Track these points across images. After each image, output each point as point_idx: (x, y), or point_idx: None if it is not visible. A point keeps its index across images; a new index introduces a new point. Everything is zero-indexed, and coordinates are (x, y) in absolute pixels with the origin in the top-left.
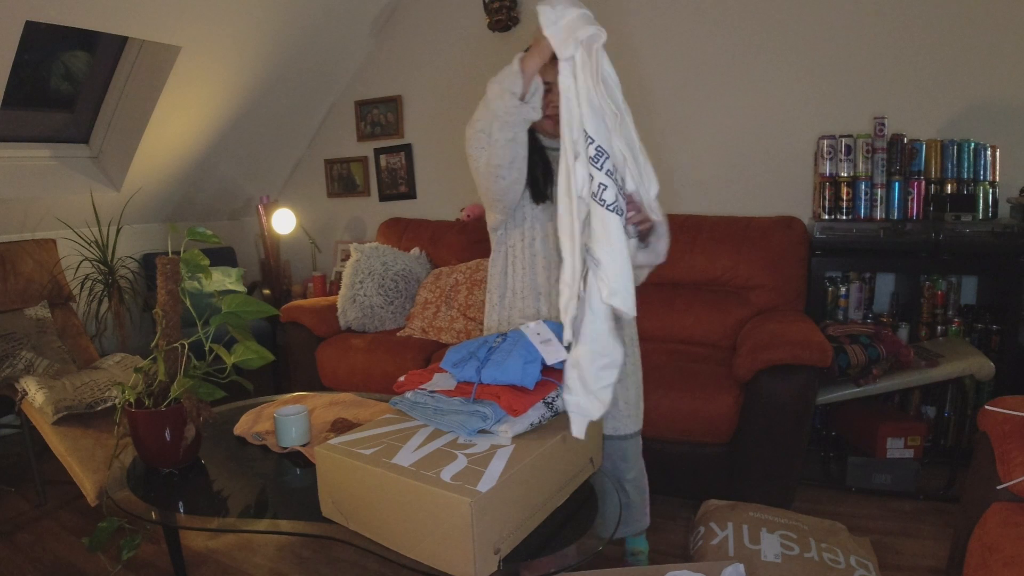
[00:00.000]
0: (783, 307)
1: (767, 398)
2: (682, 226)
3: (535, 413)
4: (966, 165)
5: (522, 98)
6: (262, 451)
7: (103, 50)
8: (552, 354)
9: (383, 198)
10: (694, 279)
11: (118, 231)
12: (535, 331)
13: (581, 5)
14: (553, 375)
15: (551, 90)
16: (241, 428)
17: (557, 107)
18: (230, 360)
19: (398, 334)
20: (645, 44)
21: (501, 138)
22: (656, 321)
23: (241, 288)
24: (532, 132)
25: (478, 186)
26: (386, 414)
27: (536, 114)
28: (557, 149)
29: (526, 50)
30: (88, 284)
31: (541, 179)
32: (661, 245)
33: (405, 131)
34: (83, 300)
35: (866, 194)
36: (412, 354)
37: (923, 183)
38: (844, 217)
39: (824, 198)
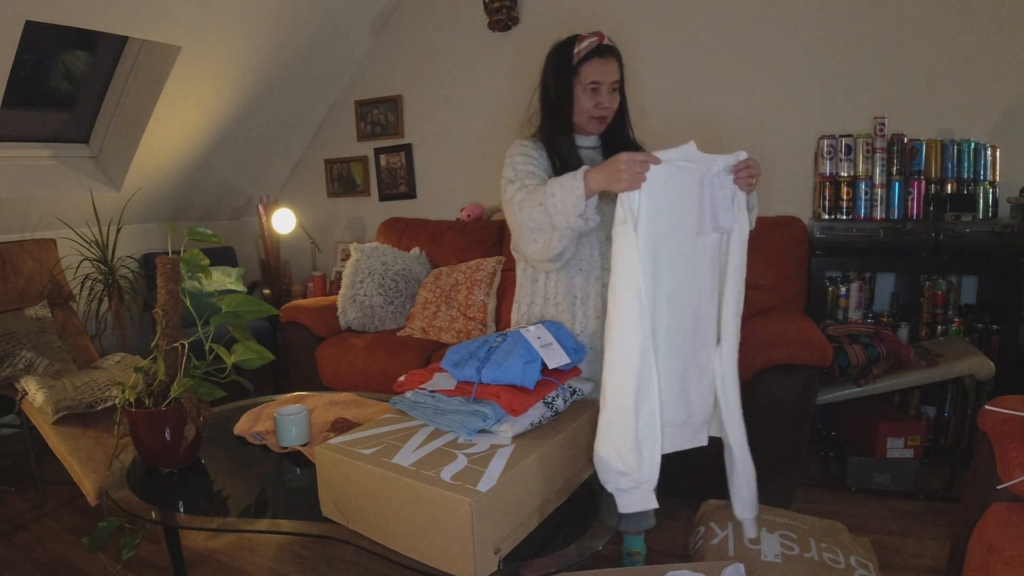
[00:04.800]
0: (783, 307)
1: (767, 398)
2: None
3: (535, 413)
4: (966, 165)
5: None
6: (262, 451)
7: (103, 50)
8: (553, 357)
9: (383, 198)
10: None
11: (118, 231)
12: (535, 335)
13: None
14: (553, 375)
15: (598, 89)
16: (241, 428)
17: (604, 107)
18: (230, 360)
19: (398, 334)
20: (645, 44)
21: (559, 245)
22: None
23: (241, 288)
24: (569, 132)
25: (519, 244)
26: (386, 414)
27: (593, 224)
28: (589, 148)
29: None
30: (88, 284)
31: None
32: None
33: (405, 131)
34: (83, 300)
35: (866, 194)
36: (412, 354)
37: (923, 183)
38: (844, 217)
39: (824, 198)
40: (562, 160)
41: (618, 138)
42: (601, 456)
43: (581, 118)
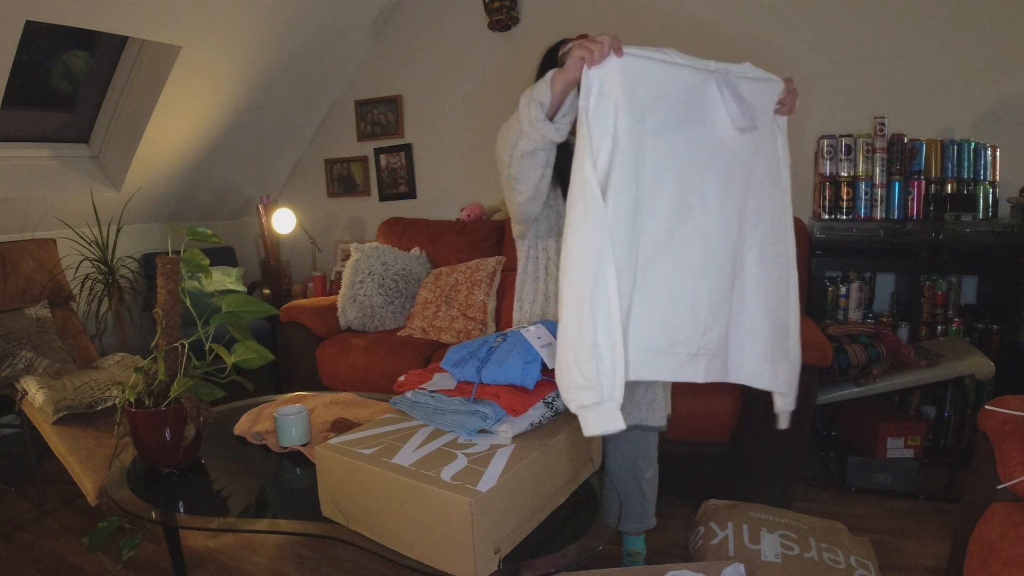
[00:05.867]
0: None
1: (767, 398)
2: None
3: (535, 413)
4: (966, 165)
5: (552, 117)
6: (262, 451)
7: (103, 50)
8: (553, 357)
9: (383, 198)
10: None
11: (118, 231)
12: (536, 335)
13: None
14: (553, 375)
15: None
16: (241, 428)
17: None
18: (230, 360)
19: (398, 334)
20: (644, 44)
21: (519, 150)
22: None
23: (241, 288)
24: None
25: (500, 173)
26: (386, 414)
27: (559, 136)
28: None
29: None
30: (88, 284)
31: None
32: None
33: (405, 131)
34: (83, 300)
35: (866, 194)
36: (412, 354)
37: (923, 183)
38: (844, 217)
39: (824, 198)
40: (558, 166)
41: None
42: (560, 371)
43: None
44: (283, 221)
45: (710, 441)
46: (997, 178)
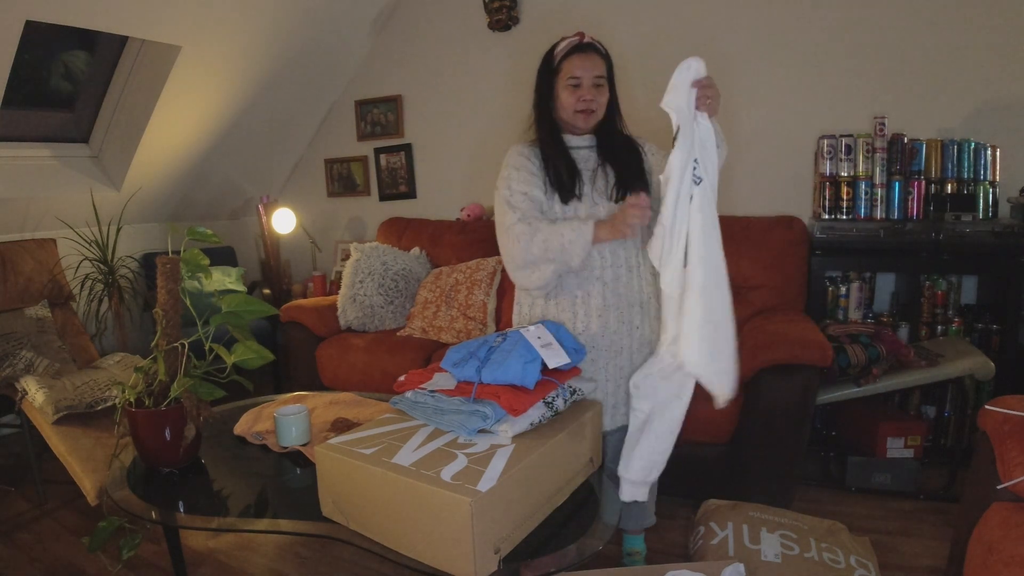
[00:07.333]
0: (783, 307)
1: (767, 398)
2: None
3: (535, 413)
4: (966, 165)
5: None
6: (262, 451)
7: (103, 50)
8: (553, 357)
9: (383, 198)
10: None
11: (118, 231)
12: (535, 335)
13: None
14: (553, 375)
15: (579, 84)
16: (241, 428)
17: (587, 100)
18: (230, 360)
19: (398, 334)
20: (644, 44)
21: (553, 279)
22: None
23: (241, 288)
24: (559, 132)
25: (509, 269)
26: (386, 414)
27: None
28: (583, 147)
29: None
30: (88, 284)
31: (567, 180)
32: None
33: (405, 131)
34: (83, 300)
35: (866, 194)
36: (412, 354)
37: (923, 183)
38: (844, 217)
39: (824, 198)
40: (555, 169)
41: (611, 134)
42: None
43: (566, 114)
44: (283, 221)
45: (710, 441)
46: (997, 178)
